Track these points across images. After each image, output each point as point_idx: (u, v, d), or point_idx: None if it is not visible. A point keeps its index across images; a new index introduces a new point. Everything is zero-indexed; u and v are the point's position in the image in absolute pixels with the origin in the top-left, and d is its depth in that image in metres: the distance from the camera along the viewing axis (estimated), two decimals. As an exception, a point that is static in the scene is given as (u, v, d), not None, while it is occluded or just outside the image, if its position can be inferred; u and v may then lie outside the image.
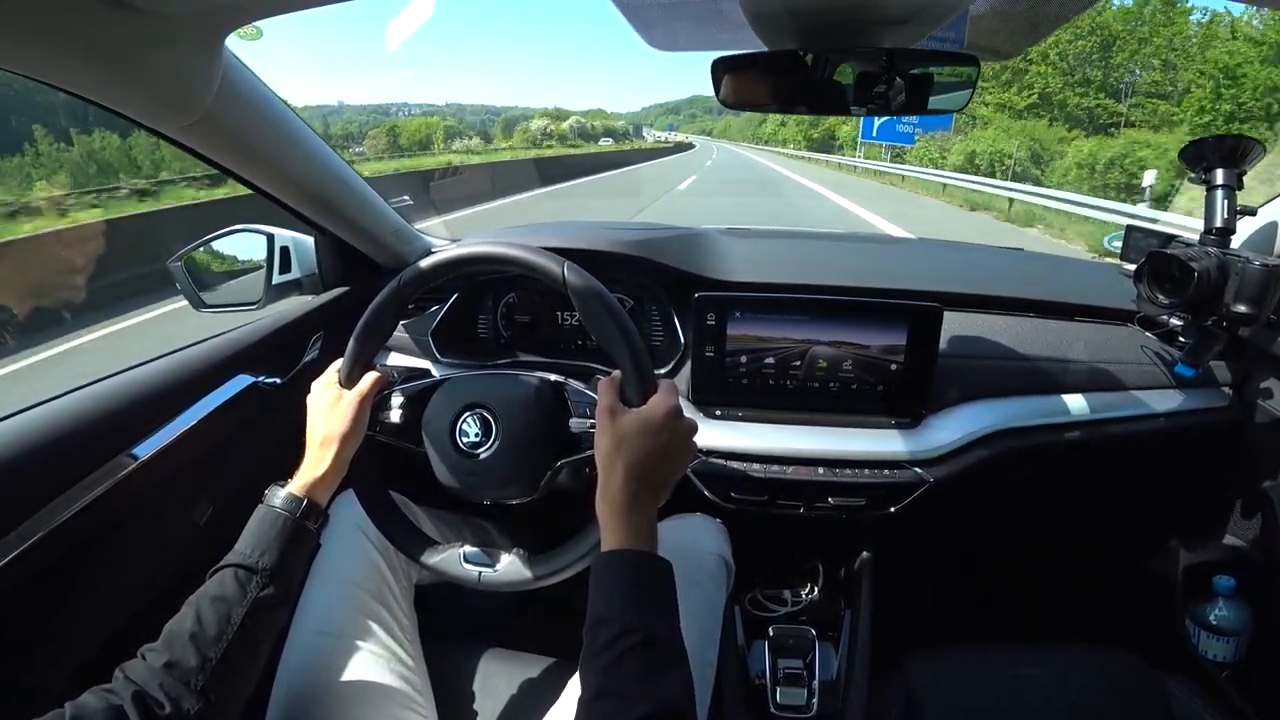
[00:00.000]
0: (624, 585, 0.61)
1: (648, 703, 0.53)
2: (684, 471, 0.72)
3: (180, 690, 0.59)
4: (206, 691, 0.60)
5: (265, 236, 1.16)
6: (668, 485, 0.68)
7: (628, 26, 0.97)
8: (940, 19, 0.86)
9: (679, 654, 0.59)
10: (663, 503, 0.68)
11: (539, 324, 1.31)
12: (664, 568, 0.63)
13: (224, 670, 0.62)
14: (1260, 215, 1.11)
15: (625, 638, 0.56)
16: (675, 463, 0.69)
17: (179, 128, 0.79)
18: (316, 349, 1.18)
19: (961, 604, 1.48)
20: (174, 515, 0.95)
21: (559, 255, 0.77)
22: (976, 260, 1.52)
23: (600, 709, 0.54)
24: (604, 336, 0.75)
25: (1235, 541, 1.20)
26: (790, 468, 1.10)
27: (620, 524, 0.64)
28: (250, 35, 0.77)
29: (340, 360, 0.83)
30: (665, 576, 0.63)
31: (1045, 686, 1.00)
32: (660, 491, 0.67)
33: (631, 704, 0.53)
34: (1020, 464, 1.15)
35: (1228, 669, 1.16)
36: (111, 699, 0.56)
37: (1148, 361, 1.16)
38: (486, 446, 0.79)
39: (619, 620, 0.58)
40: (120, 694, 0.56)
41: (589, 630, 0.59)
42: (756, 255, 1.33)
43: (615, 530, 0.64)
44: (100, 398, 0.85)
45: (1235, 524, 1.21)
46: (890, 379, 1.08)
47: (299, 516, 0.72)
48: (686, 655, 0.60)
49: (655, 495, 0.67)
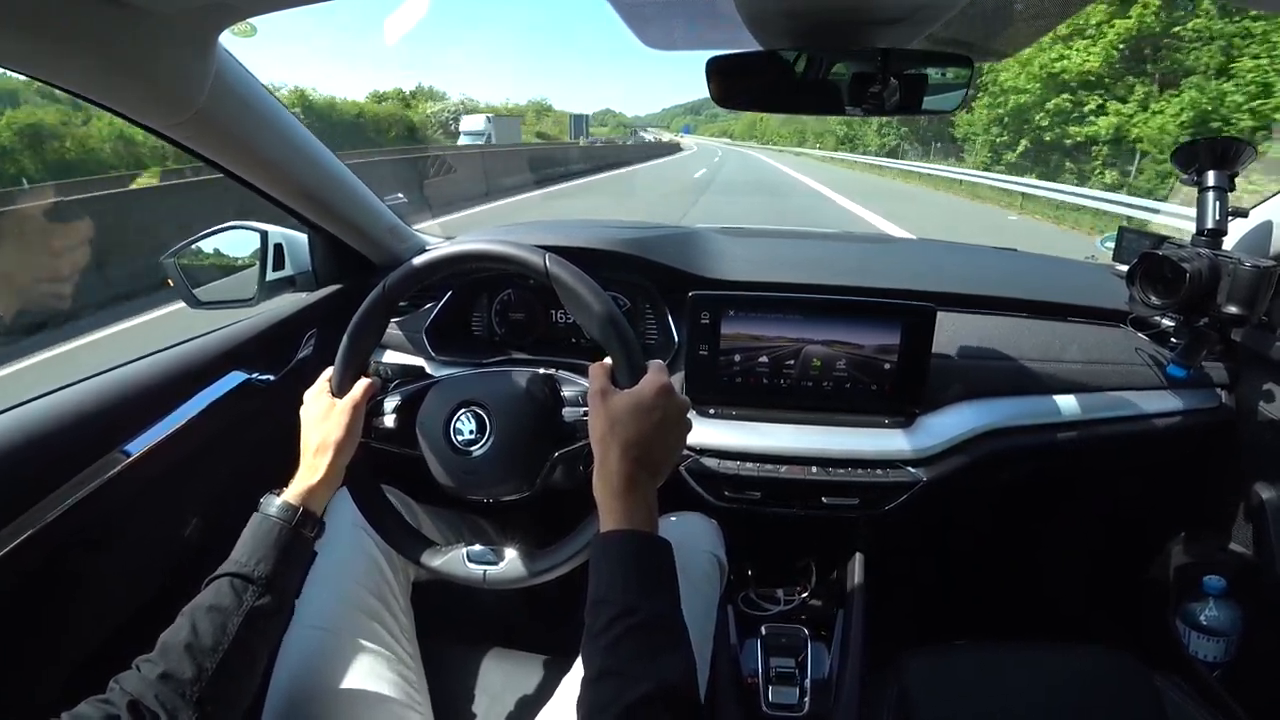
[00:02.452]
0: (624, 566, 0.60)
1: (649, 682, 0.53)
2: (680, 450, 0.71)
3: (176, 701, 0.58)
4: (203, 703, 0.60)
5: (259, 233, 1.16)
6: (665, 464, 0.68)
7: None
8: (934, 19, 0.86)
9: (680, 633, 0.59)
10: (660, 483, 0.67)
11: (533, 322, 1.31)
12: (664, 547, 0.63)
13: (220, 681, 0.61)
14: (1252, 217, 1.12)
15: (626, 617, 0.56)
16: (670, 439, 0.69)
17: (172, 124, 0.79)
18: (310, 346, 1.18)
19: (954, 603, 1.49)
20: (166, 512, 0.95)
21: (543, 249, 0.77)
22: (970, 260, 1.52)
23: (602, 689, 0.54)
24: (590, 322, 0.75)
25: (1225, 542, 1.21)
26: (784, 467, 1.10)
27: (619, 505, 0.63)
28: (244, 32, 0.76)
29: (331, 369, 0.83)
30: (665, 556, 0.62)
31: (1037, 686, 1.00)
32: (658, 471, 0.67)
33: (633, 683, 0.53)
34: (1013, 464, 1.15)
35: (1218, 669, 1.17)
36: (107, 709, 0.55)
37: (1140, 362, 1.17)
38: (481, 444, 0.79)
39: (619, 600, 0.57)
40: (116, 704, 0.56)
41: (589, 611, 0.58)
42: (751, 254, 1.33)
43: (614, 511, 0.63)
44: (92, 394, 0.85)
45: (1226, 524, 1.21)
46: (884, 378, 1.08)
47: (295, 525, 0.72)
48: (688, 634, 0.59)
49: (653, 475, 0.66)
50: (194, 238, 1.15)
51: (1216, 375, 1.18)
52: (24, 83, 1.96)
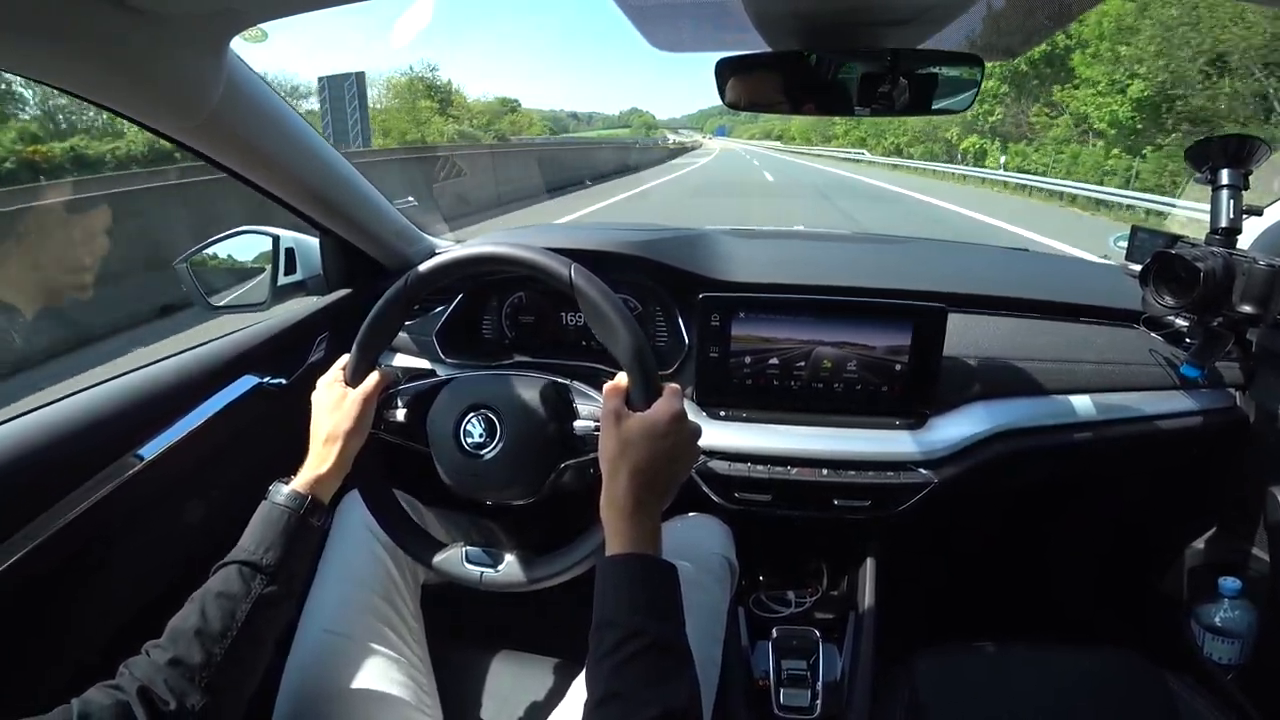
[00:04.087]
0: (630, 589, 0.61)
1: (655, 706, 0.53)
2: (688, 475, 0.72)
3: (185, 686, 0.59)
4: (211, 687, 0.60)
5: (270, 238, 1.17)
6: (672, 489, 0.68)
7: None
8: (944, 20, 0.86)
9: (685, 657, 0.59)
10: (667, 506, 0.68)
11: (543, 325, 1.31)
12: (669, 571, 0.63)
13: (229, 666, 0.62)
14: (1267, 215, 1.11)
15: (632, 641, 0.56)
16: (679, 467, 0.69)
17: (184, 129, 0.79)
18: (321, 350, 1.19)
19: (966, 605, 1.48)
20: (179, 515, 0.95)
21: (565, 257, 0.77)
22: (981, 261, 1.51)
23: (607, 712, 0.54)
24: (610, 339, 0.75)
25: (1241, 543, 1.20)
26: (794, 469, 1.10)
27: (626, 527, 0.64)
28: (255, 38, 0.77)
29: (345, 358, 0.83)
30: (671, 580, 0.63)
31: (1049, 686, 1.00)
32: (665, 496, 0.68)
33: (639, 707, 0.53)
34: (1025, 465, 1.14)
35: (1233, 671, 1.16)
36: (117, 695, 0.56)
37: (1153, 363, 1.16)
38: (490, 447, 0.79)
39: (625, 624, 0.58)
40: (126, 689, 0.56)
41: (595, 634, 0.59)
42: (761, 256, 1.33)
43: (620, 534, 0.64)
44: (106, 399, 0.86)
45: (1241, 525, 1.20)
46: (895, 380, 1.08)
47: (303, 513, 0.72)
48: (693, 658, 0.60)
49: (659, 499, 0.67)
50: (206, 242, 1.16)
51: (1231, 376, 1.16)
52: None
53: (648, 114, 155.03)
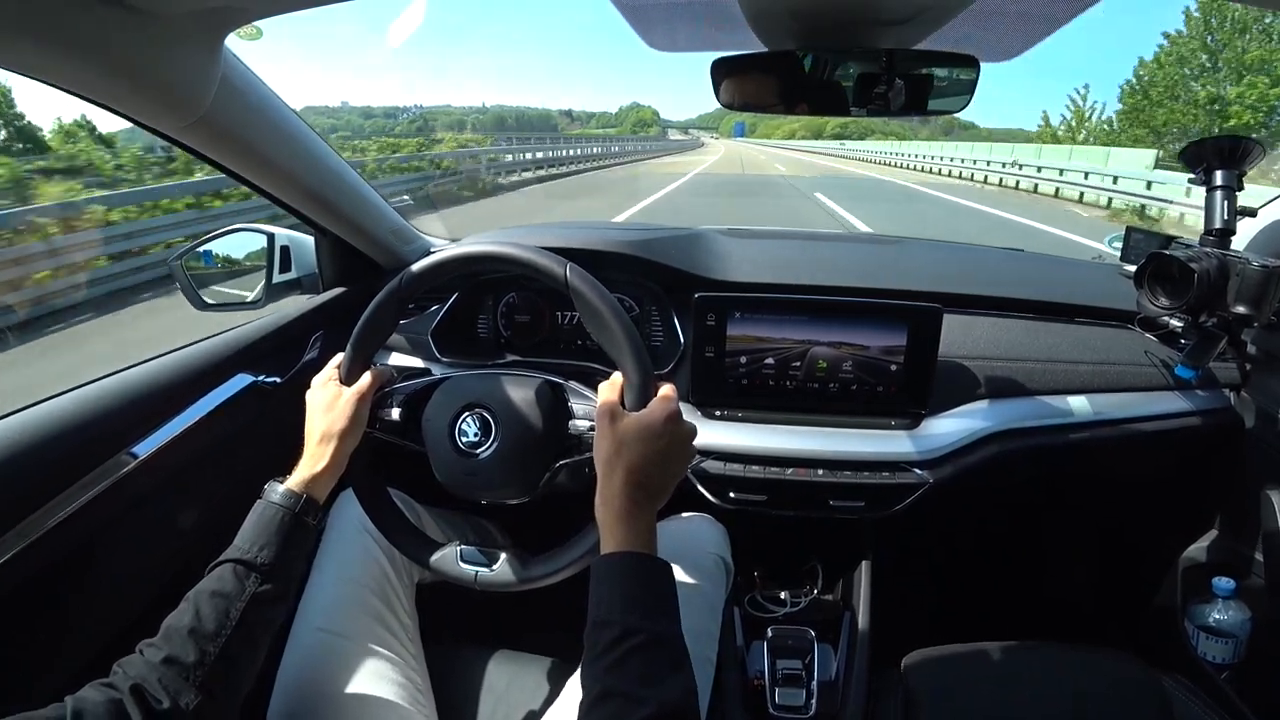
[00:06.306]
0: (625, 588, 0.61)
1: (651, 704, 0.53)
2: (683, 475, 0.72)
3: (179, 684, 0.59)
4: (205, 686, 0.60)
5: (265, 236, 1.16)
6: (667, 489, 0.69)
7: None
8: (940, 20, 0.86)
9: (681, 655, 0.59)
10: (661, 505, 0.68)
11: (539, 324, 1.31)
12: (665, 570, 0.63)
13: (223, 665, 0.62)
14: (1260, 216, 1.11)
15: (627, 640, 0.56)
16: (674, 467, 0.69)
17: (178, 127, 0.79)
18: (316, 348, 1.19)
19: (961, 605, 1.48)
20: (173, 514, 0.95)
21: (560, 256, 0.77)
22: (977, 261, 1.51)
23: (603, 711, 0.54)
24: (606, 339, 0.75)
25: (1235, 543, 1.20)
26: (790, 469, 1.10)
27: (620, 527, 0.64)
28: (250, 35, 0.77)
29: (340, 356, 0.83)
30: (666, 578, 0.63)
31: (1045, 687, 1.00)
32: (659, 495, 0.68)
33: (636, 705, 0.53)
34: (1020, 465, 1.15)
35: (1227, 670, 1.16)
36: (111, 693, 0.56)
37: (1148, 363, 1.16)
38: (485, 446, 0.79)
39: (621, 622, 0.58)
40: (119, 688, 0.56)
41: (590, 633, 0.59)
42: (756, 256, 1.33)
43: (615, 533, 0.64)
44: (99, 396, 0.85)
45: (1235, 526, 1.21)
46: (890, 380, 1.08)
47: (298, 512, 0.72)
48: (689, 657, 0.60)
49: (654, 499, 0.67)
50: (201, 240, 1.16)
51: (1225, 376, 1.17)
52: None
53: (648, 108, 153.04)
